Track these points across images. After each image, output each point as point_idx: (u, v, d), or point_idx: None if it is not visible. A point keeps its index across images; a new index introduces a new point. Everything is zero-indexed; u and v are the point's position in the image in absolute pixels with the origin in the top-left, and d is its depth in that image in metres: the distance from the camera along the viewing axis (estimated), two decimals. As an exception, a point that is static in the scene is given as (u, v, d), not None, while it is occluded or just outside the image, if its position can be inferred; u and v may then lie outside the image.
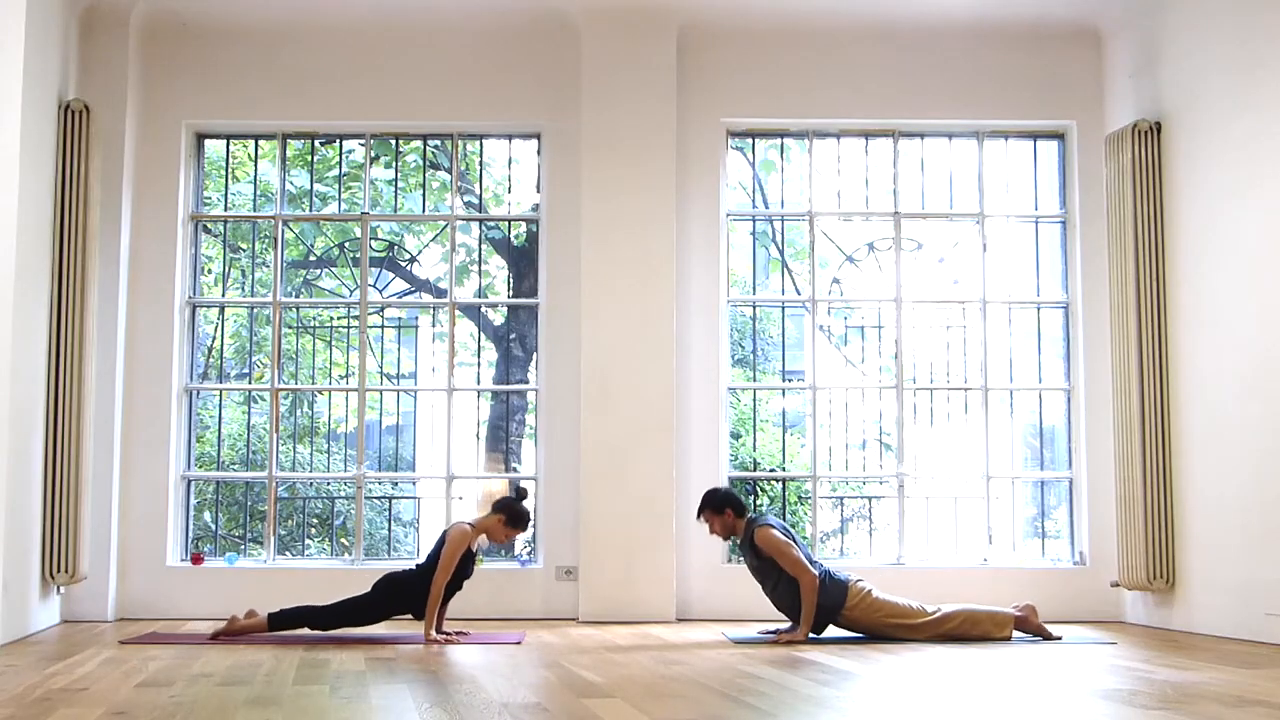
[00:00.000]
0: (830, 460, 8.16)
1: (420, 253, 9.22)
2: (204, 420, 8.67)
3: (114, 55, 7.61)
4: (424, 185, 8.50)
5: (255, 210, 8.38)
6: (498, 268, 8.95)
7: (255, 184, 8.50)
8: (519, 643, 6.24)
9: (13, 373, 5.97)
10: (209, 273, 8.46)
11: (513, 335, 8.84)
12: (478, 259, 8.59)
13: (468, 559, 6.37)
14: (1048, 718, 4.05)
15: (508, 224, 8.56)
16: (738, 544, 6.70)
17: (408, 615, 6.39)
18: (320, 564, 8.01)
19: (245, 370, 8.81)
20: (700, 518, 6.60)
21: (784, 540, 6.35)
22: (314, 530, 8.83)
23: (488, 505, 6.61)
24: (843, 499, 8.50)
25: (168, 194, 7.81)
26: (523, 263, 8.56)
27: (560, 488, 7.74)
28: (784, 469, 8.50)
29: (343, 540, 8.19)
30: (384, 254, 9.00)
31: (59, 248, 7.04)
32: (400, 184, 8.42)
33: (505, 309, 8.85)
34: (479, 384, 8.44)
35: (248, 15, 7.87)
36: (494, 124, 8.11)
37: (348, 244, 8.63)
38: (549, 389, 7.85)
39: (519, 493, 6.53)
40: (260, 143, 8.39)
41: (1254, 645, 6.18)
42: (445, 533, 6.37)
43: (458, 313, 8.33)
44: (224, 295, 8.42)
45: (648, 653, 5.78)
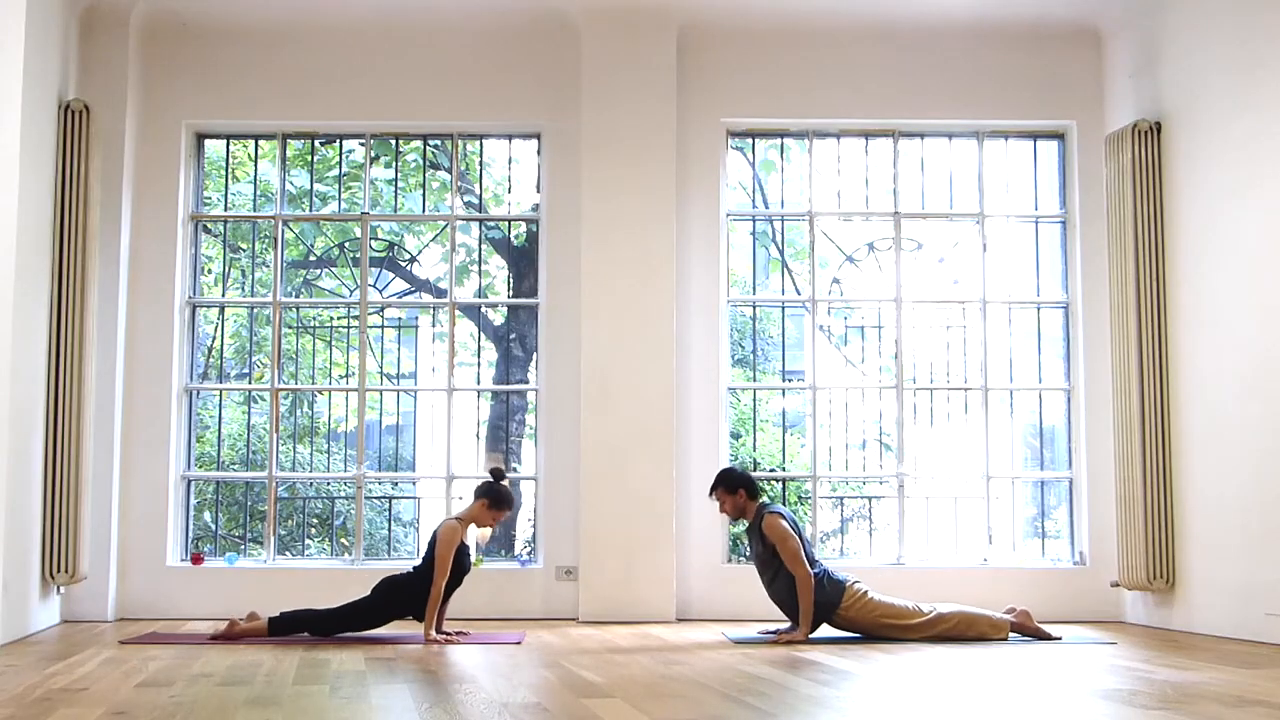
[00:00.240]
0: (830, 460, 8.16)
1: (420, 253, 9.22)
2: (204, 420, 8.67)
3: (114, 55, 7.61)
4: (424, 185, 8.50)
5: (255, 210, 8.38)
6: (498, 268, 8.95)
7: (255, 184, 8.50)
8: (519, 643, 6.24)
9: (13, 373, 5.97)
10: (209, 273, 8.46)
11: (513, 335, 8.83)
12: (478, 259, 8.59)
13: (463, 553, 6.38)
14: (1048, 718, 4.05)
15: (508, 224, 8.56)
16: (746, 528, 6.70)
17: (409, 617, 6.39)
18: (320, 564, 8.01)
19: (245, 370, 8.81)
20: (712, 495, 6.62)
21: (788, 531, 6.35)
22: (314, 530, 8.83)
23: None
24: (843, 499, 8.50)
25: (168, 194, 7.82)
26: (523, 263, 8.56)
27: (560, 488, 7.74)
28: (784, 469, 8.50)
29: (343, 540, 8.19)
30: (384, 254, 9.00)
31: (59, 248, 7.04)
32: (400, 184, 8.42)
33: (505, 309, 8.85)
34: (479, 384, 8.43)
35: (248, 15, 7.87)
36: (494, 124, 8.11)
37: (348, 244, 8.63)
38: (549, 389, 7.85)
39: (495, 473, 6.48)
40: (260, 143, 8.39)
41: (1254, 645, 6.18)
42: (436, 532, 6.38)
43: (458, 313, 8.33)
44: (224, 295, 8.42)
45: (648, 653, 5.78)
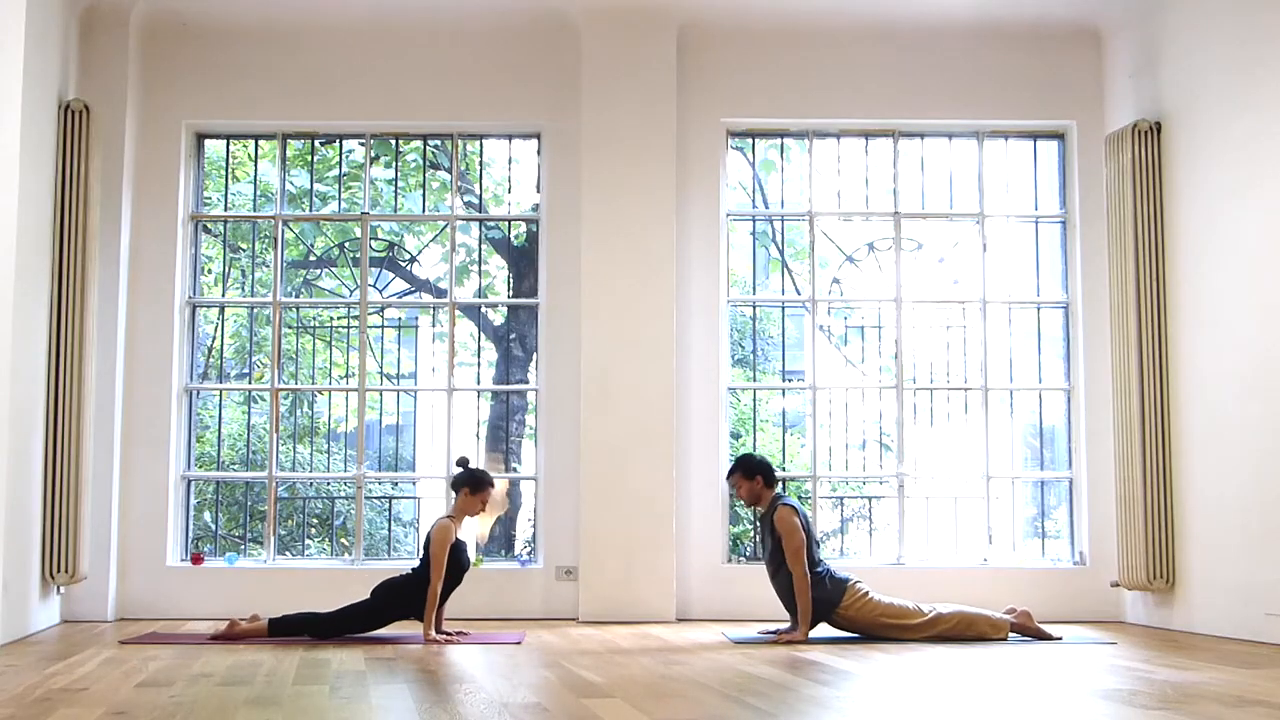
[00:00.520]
0: (830, 460, 8.16)
1: (420, 253, 9.21)
2: (204, 420, 8.67)
3: (114, 55, 7.61)
4: (424, 185, 8.50)
5: (255, 210, 8.38)
6: (498, 268, 8.94)
7: (255, 184, 8.49)
8: (519, 643, 6.24)
9: (13, 373, 5.97)
10: (209, 273, 8.46)
11: (513, 335, 8.83)
12: (478, 259, 8.59)
13: (460, 551, 6.39)
14: (1048, 718, 4.05)
15: (508, 224, 8.56)
16: (759, 516, 6.70)
17: (409, 619, 6.40)
18: (320, 564, 8.01)
19: (245, 370, 8.80)
20: (730, 479, 6.64)
21: (796, 528, 6.34)
22: (314, 530, 8.82)
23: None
24: (843, 499, 8.50)
25: (168, 194, 7.82)
26: (523, 263, 8.56)
27: (560, 488, 7.74)
28: (784, 469, 8.49)
29: (343, 540, 8.19)
30: (384, 254, 8.99)
31: (59, 248, 7.04)
32: (400, 184, 8.42)
33: (505, 309, 8.84)
34: (479, 384, 8.43)
35: (248, 15, 7.87)
36: (494, 124, 8.11)
37: (348, 244, 8.63)
38: (549, 389, 7.85)
39: (461, 462, 6.56)
40: (260, 143, 8.39)
41: (1254, 645, 6.18)
42: (429, 533, 6.40)
43: (458, 313, 8.33)
44: (224, 295, 8.42)
45: (648, 653, 5.78)
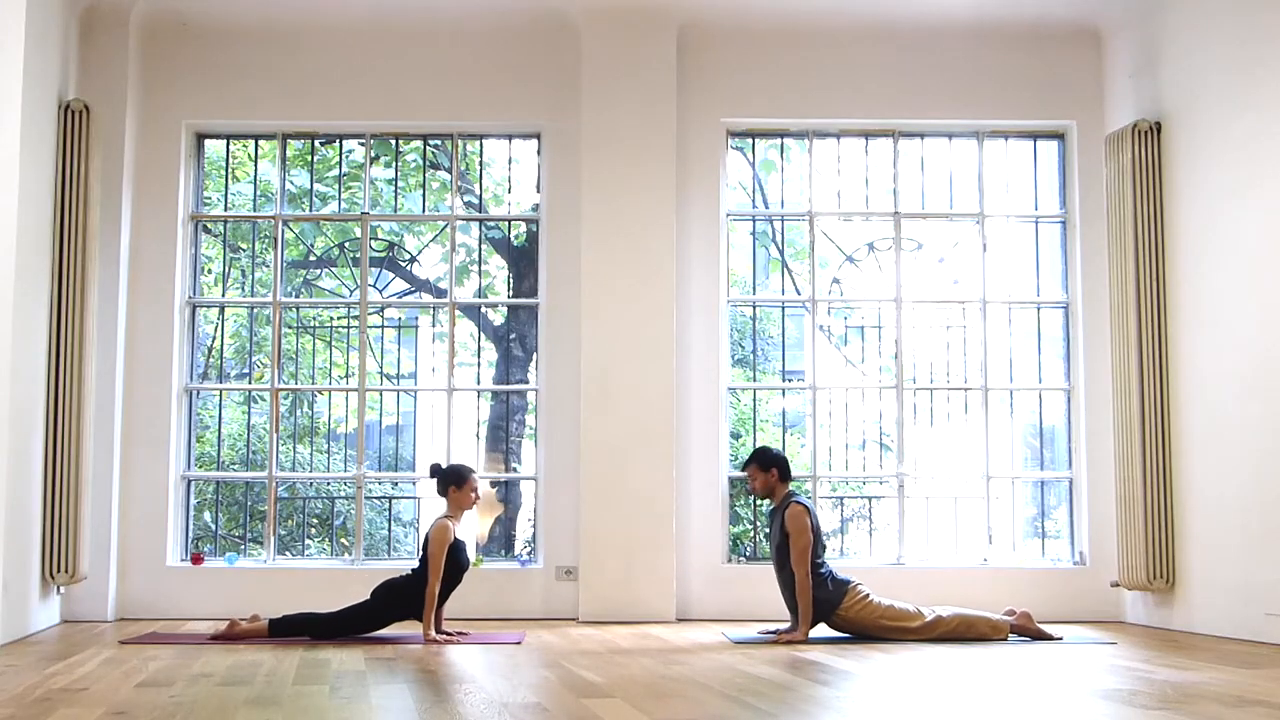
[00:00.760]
0: (830, 460, 8.16)
1: (420, 253, 9.21)
2: (204, 420, 8.67)
3: (114, 55, 7.61)
4: (424, 185, 8.50)
5: (255, 210, 8.38)
6: (498, 268, 8.94)
7: (255, 184, 8.49)
8: (519, 643, 6.24)
9: (13, 373, 5.97)
10: (209, 273, 8.46)
11: (513, 335, 8.82)
12: (478, 259, 8.59)
13: (459, 550, 6.40)
14: (1048, 718, 4.05)
15: (508, 224, 8.56)
16: (769, 509, 6.71)
17: (409, 619, 6.40)
18: (320, 564, 8.01)
19: (245, 370, 8.80)
20: (745, 469, 6.65)
21: (805, 528, 6.34)
22: (314, 530, 8.82)
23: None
24: (843, 499, 8.50)
25: (168, 194, 7.82)
26: (523, 263, 8.56)
27: (560, 488, 7.74)
28: (784, 469, 8.50)
29: (343, 540, 8.19)
30: (384, 254, 8.99)
31: (59, 248, 7.04)
32: (400, 184, 8.42)
33: (505, 309, 8.84)
34: (479, 384, 8.43)
35: (248, 15, 7.87)
36: (494, 124, 8.11)
37: (348, 244, 8.63)
38: (549, 389, 7.85)
39: (433, 470, 6.60)
40: (260, 143, 8.39)
41: (1254, 645, 6.18)
42: (427, 533, 6.41)
43: (458, 313, 8.33)
44: (224, 295, 8.41)
45: (648, 653, 5.78)
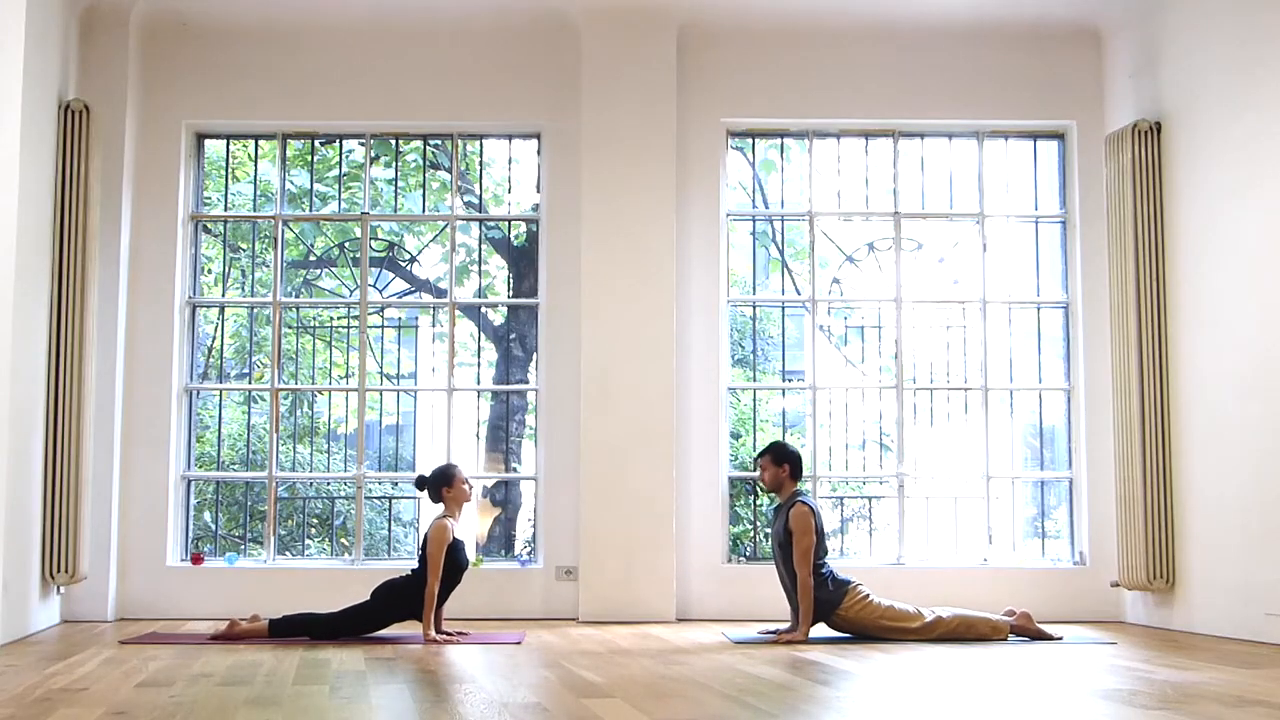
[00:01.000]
0: (830, 460, 8.16)
1: (420, 253, 9.21)
2: (204, 420, 8.67)
3: (114, 55, 7.61)
4: (424, 185, 8.50)
5: (255, 210, 8.37)
6: (498, 268, 8.94)
7: (255, 184, 8.49)
8: (519, 643, 6.24)
9: (13, 373, 5.97)
10: (209, 273, 8.46)
11: (513, 335, 8.82)
12: (478, 259, 8.58)
13: (458, 550, 6.42)
14: (1048, 718, 4.05)
15: (508, 224, 8.56)
16: (774, 505, 6.74)
17: (409, 620, 6.40)
18: (320, 564, 8.01)
19: (245, 370, 8.80)
20: (759, 459, 6.66)
21: (809, 528, 6.34)
22: (314, 530, 8.82)
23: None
24: (843, 499, 8.49)
25: (168, 194, 7.82)
26: (523, 263, 8.56)
27: (560, 488, 7.74)
28: (784, 469, 8.49)
29: (343, 540, 8.19)
30: (384, 254, 8.98)
31: (59, 248, 7.04)
32: (400, 184, 8.42)
33: (505, 309, 8.84)
34: (479, 384, 8.43)
35: (248, 15, 7.87)
36: (494, 124, 8.11)
37: (348, 244, 8.62)
38: (549, 389, 7.85)
39: (418, 482, 6.62)
40: (260, 143, 8.39)
41: (1254, 645, 6.18)
42: (426, 534, 6.42)
43: (458, 313, 8.33)
44: (224, 295, 8.41)
45: (648, 653, 5.78)
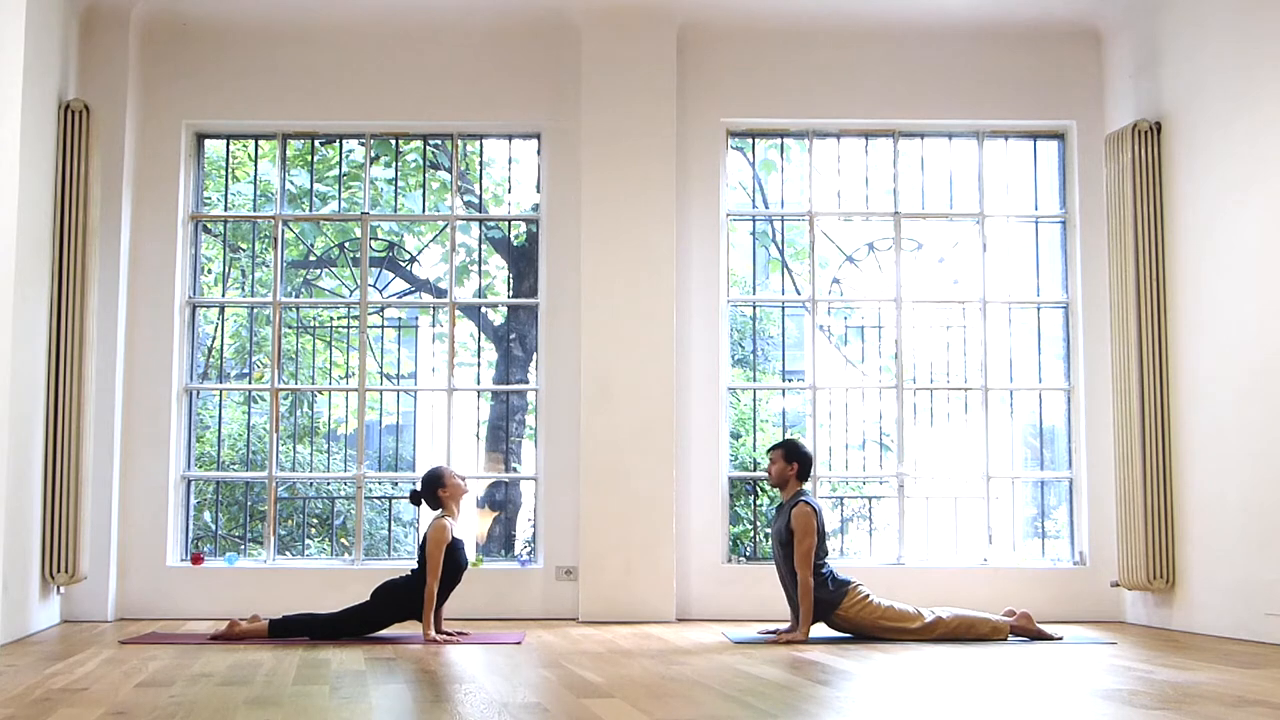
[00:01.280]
0: (830, 460, 8.16)
1: (420, 253, 9.21)
2: (204, 420, 8.67)
3: (114, 55, 7.61)
4: (424, 185, 8.50)
5: (255, 210, 8.37)
6: (498, 268, 8.94)
7: (255, 184, 8.49)
8: (519, 643, 6.24)
9: (13, 373, 5.97)
10: (209, 273, 8.46)
11: (513, 335, 8.83)
12: (478, 259, 8.59)
13: (457, 550, 6.42)
14: (1048, 718, 4.05)
15: (508, 224, 8.56)
16: (777, 504, 6.74)
17: (409, 621, 6.41)
18: (320, 564, 8.01)
19: (245, 370, 8.80)
20: (770, 452, 6.67)
21: (811, 529, 6.34)
22: (314, 530, 8.82)
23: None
24: (843, 499, 8.49)
25: (168, 194, 7.82)
26: (523, 263, 8.56)
27: (560, 488, 7.74)
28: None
29: (343, 540, 8.19)
30: (384, 254, 8.99)
31: (59, 248, 7.04)
32: (400, 184, 8.42)
33: (505, 309, 8.84)
34: (479, 384, 8.43)
35: (248, 15, 7.87)
36: (494, 124, 8.11)
37: (348, 244, 8.62)
38: (549, 389, 7.85)
39: (413, 496, 6.63)
40: (260, 143, 8.39)
41: (1254, 645, 6.18)
42: (425, 533, 6.42)
43: (458, 313, 8.33)
44: (224, 295, 8.41)
45: (648, 653, 5.78)
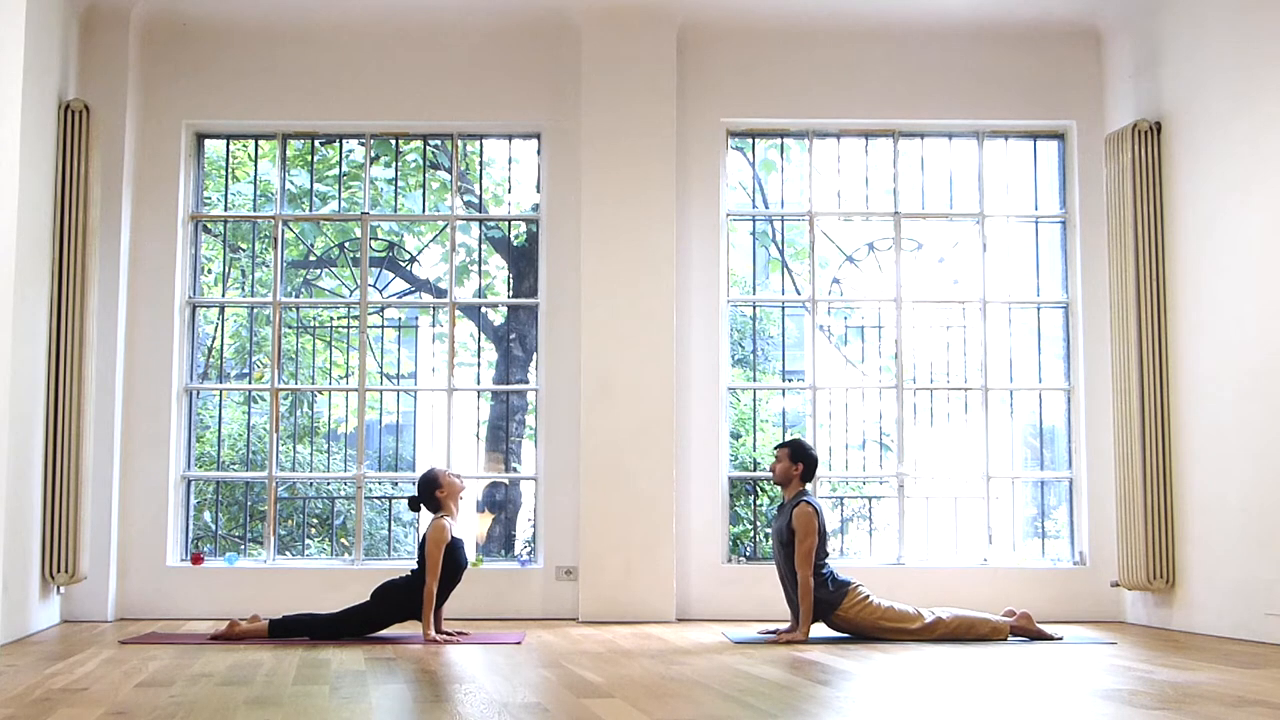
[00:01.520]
0: (830, 460, 8.16)
1: (420, 253, 9.21)
2: (204, 420, 8.67)
3: (114, 55, 7.61)
4: (424, 185, 8.50)
5: (255, 210, 8.37)
6: (498, 268, 8.94)
7: (255, 184, 8.49)
8: (519, 643, 6.24)
9: (13, 373, 5.97)
10: (209, 273, 8.46)
11: (513, 335, 8.82)
12: (478, 259, 8.59)
13: (457, 550, 6.43)
14: (1048, 718, 4.05)
15: (508, 224, 8.56)
16: (779, 504, 6.74)
17: (410, 621, 6.41)
18: (320, 564, 8.01)
19: (245, 370, 8.80)
20: (777, 450, 6.67)
21: (812, 529, 6.35)
22: (314, 530, 8.82)
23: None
24: (843, 499, 8.49)
25: (168, 194, 7.82)
26: (523, 263, 8.56)
27: (560, 488, 7.74)
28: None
29: (343, 540, 8.19)
30: (384, 254, 8.99)
31: (59, 248, 7.04)
32: (400, 184, 8.42)
33: (505, 309, 8.84)
34: (479, 384, 8.43)
35: (248, 15, 7.87)
36: (494, 124, 8.11)
37: (348, 244, 8.62)
38: (549, 389, 7.85)
39: (411, 503, 6.61)
40: (260, 143, 8.39)
41: (1254, 645, 6.18)
42: (424, 533, 6.43)
43: (458, 313, 8.33)
44: (224, 295, 8.41)
45: (648, 653, 5.78)
